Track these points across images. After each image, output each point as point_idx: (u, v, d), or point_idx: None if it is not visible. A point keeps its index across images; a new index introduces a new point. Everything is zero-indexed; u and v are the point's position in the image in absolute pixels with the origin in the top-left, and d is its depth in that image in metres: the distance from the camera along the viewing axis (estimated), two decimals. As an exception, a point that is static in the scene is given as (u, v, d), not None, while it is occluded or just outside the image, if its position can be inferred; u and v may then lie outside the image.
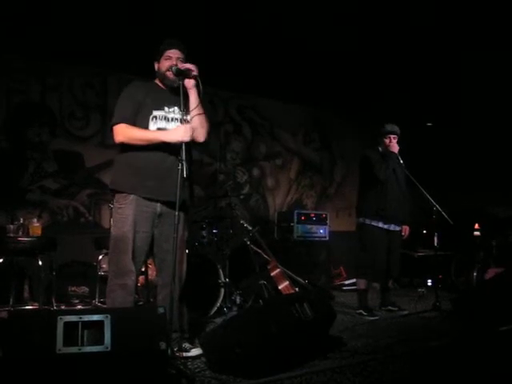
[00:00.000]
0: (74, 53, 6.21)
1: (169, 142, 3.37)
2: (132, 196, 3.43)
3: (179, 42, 3.64)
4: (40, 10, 5.21)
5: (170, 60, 3.54)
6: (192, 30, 5.59)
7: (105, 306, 5.39)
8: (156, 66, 3.64)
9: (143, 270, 4.54)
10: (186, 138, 3.33)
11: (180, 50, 3.59)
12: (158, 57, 3.62)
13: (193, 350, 3.53)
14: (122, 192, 3.47)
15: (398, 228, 5.48)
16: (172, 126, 3.52)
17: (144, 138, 3.41)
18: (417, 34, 5.82)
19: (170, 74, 3.52)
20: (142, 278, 5.08)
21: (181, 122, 3.43)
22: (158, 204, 3.50)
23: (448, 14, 5.33)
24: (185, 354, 3.44)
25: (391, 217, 5.37)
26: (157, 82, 3.67)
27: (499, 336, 4.08)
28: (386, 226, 5.38)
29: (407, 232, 5.60)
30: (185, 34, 5.49)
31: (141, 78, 3.73)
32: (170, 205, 3.44)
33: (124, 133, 3.40)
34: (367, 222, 5.41)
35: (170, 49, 3.57)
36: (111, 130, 3.49)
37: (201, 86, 3.45)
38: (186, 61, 3.58)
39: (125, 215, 3.42)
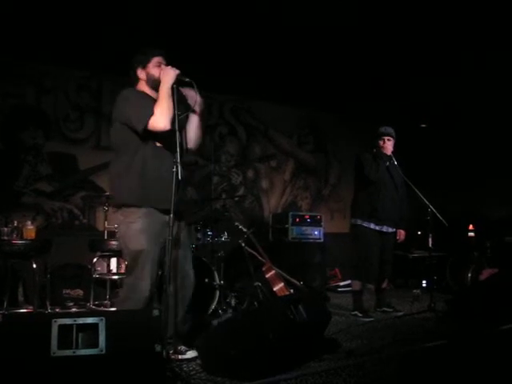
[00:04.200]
0: (69, 56, 6.21)
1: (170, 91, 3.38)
2: (143, 209, 3.40)
3: (160, 47, 3.64)
4: (35, 12, 5.20)
5: (159, 67, 3.50)
6: (187, 33, 5.60)
7: (99, 309, 5.41)
8: (142, 72, 3.56)
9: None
10: (175, 73, 3.39)
11: (164, 57, 3.58)
12: (143, 63, 3.55)
13: (188, 352, 3.53)
14: (133, 206, 3.42)
15: (391, 230, 5.49)
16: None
17: (166, 101, 3.35)
18: (412, 36, 5.83)
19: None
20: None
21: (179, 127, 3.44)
22: (168, 212, 3.49)
23: (445, 15, 5.35)
24: (180, 357, 3.44)
25: (384, 218, 5.38)
26: (143, 89, 3.58)
27: (494, 336, 4.10)
28: (378, 228, 5.39)
29: (402, 236, 5.62)
30: (179, 37, 5.55)
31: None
32: (176, 213, 3.46)
33: (162, 115, 3.33)
34: (359, 222, 5.43)
35: (159, 56, 3.55)
36: (145, 133, 3.37)
37: (197, 94, 3.44)
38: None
39: (140, 229, 3.39)
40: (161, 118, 3.32)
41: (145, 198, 3.41)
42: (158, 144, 3.47)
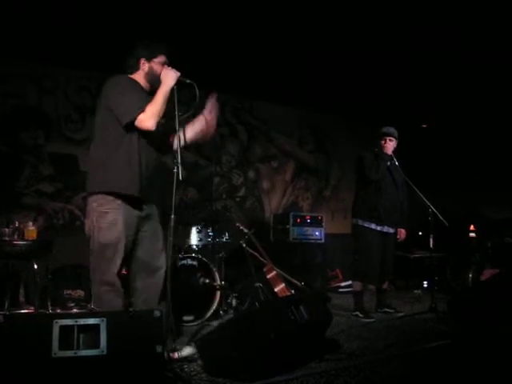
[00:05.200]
0: (69, 56, 6.21)
1: (168, 93, 3.38)
2: (120, 200, 3.33)
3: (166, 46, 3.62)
4: (35, 13, 5.20)
5: (163, 65, 3.50)
6: (188, 33, 5.60)
7: (101, 310, 5.40)
8: (144, 65, 3.53)
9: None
10: (176, 75, 3.40)
11: (167, 57, 3.57)
12: (149, 56, 3.53)
13: (184, 348, 3.52)
14: (110, 195, 3.33)
15: (391, 230, 5.49)
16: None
17: (161, 103, 3.34)
18: (412, 37, 5.83)
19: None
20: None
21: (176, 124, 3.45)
22: (143, 205, 3.48)
23: (445, 16, 5.35)
24: (177, 355, 3.41)
25: (385, 218, 5.38)
26: (138, 79, 3.55)
27: (496, 337, 4.10)
28: (378, 228, 5.39)
29: (403, 236, 5.62)
30: (180, 36, 5.54)
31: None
32: (152, 207, 3.50)
33: (151, 116, 3.30)
34: (360, 222, 5.43)
35: (165, 54, 3.55)
36: (129, 126, 3.32)
37: (197, 94, 3.44)
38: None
39: (113, 220, 3.31)
40: (150, 118, 3.30)
41: (124, 189, 3.33)
42: (144, 136, 3.42)
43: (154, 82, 3.49)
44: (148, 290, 3.51)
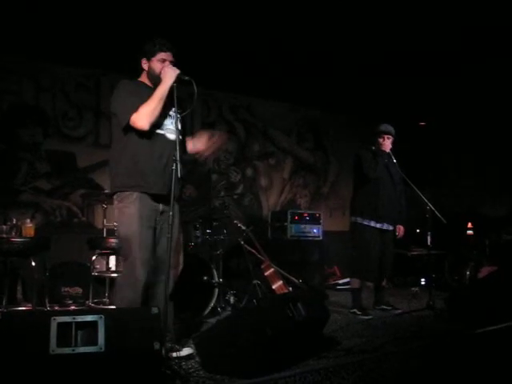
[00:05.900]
0: (67, 53, 6.20)
1: (166, 92, 3.39)
2: (136, 193, 3.42)
3: (171, 43, 3.59)
4: (33, 10, 5.19)
5: (163, 63, 3.49)
6: (186, 30, 5.60)
7: (98, 307, 5.41)
8: (145, 64, 3.57)
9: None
10: (175, 73, 3.40)
11: (172, 53, 3.55)
12: (148, 55, 3.54)
13: (184, 349, 3.53)
14: (126, 191, 3.44)
15: (390, 227, 5.49)
16: (168, 122, 3.54)
17: (156, 102, 3.36)
18: (410, 35, 5.83)
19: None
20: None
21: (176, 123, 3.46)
22: (158, 201, 3.51)
23: (443, 14, 5.35)
24: (175, 354, 3.42)
25: (383, 216, 5.38)
26: (144, 80, 3.61)
27: (493, 334, 4.10)
28: (378, 225, 5.39)
29: (401, 232, 5.61)
30: (178, 34, 5.53)
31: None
32: (168, 202, 3.48)
33: (144, 115, 3.34)
34: (359, 220, 5.43)
35: (165, 51, 3.52)
36: (126, 128, 3.40)
37: (195, 91, 3.42)
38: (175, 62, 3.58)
39: (131, 214, 3.41)
40: (142, 118, 3.35)
41: (137, 184, 3.43)
42: (152, 132, 3.45)
43: (155, 80, 3.50)
44: (157, 286, 3.52)
